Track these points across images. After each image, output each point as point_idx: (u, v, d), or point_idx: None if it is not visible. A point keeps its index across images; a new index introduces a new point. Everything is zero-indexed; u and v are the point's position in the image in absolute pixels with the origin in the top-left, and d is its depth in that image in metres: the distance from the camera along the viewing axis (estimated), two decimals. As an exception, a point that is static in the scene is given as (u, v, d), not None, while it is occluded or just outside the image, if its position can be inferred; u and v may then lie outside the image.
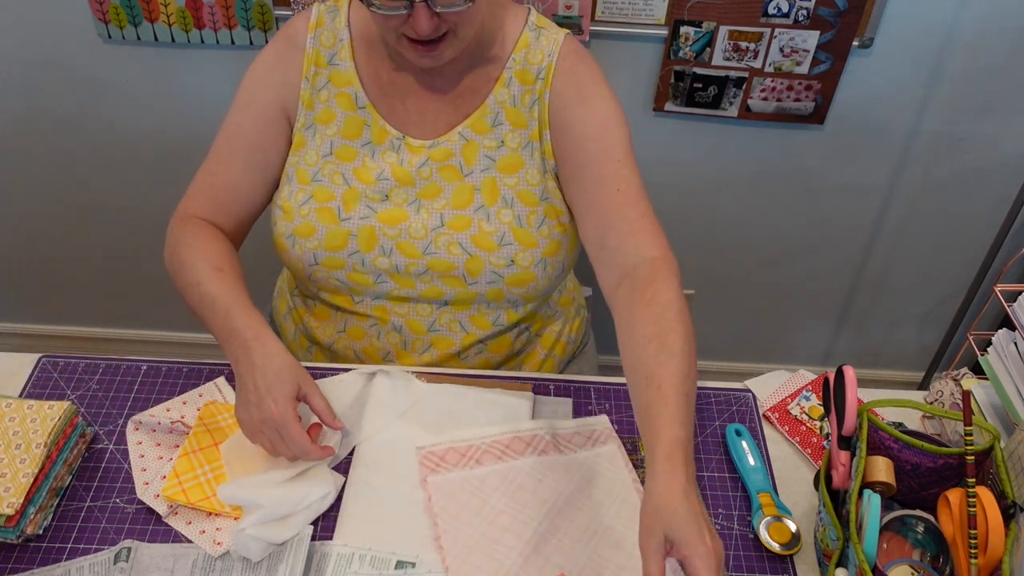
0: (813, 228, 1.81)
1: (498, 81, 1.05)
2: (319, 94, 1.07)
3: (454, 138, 1.06)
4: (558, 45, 1.05)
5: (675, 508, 0.77)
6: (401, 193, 1.07)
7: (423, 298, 1.10)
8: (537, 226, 1.06)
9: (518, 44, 1.05)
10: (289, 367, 0.93)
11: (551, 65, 1.04)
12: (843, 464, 0.90)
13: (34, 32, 1.58)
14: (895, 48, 1.50)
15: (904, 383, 2.13)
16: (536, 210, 1.06)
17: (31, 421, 0.94)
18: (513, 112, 1.05)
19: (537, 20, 1.07)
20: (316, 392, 0.95)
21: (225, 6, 1.50)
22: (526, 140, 1.06)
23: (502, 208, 1.06)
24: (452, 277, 1.07)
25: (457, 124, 1.06)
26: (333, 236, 1.06)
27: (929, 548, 0.89)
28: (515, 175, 1.06)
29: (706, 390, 1.09)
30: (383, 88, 1.07)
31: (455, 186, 1.06)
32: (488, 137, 1.06)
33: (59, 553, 0.89)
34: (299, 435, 0.91)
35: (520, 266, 1.06)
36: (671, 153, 1.69)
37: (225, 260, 1.03)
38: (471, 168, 1.06)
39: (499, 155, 1.06)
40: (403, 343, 1.14)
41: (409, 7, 0.89)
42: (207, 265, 1.01)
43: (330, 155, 1.07)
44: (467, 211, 1.06)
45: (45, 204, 1.87)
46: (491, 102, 1.05)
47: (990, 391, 1.08)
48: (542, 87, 1.04)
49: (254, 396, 0.91)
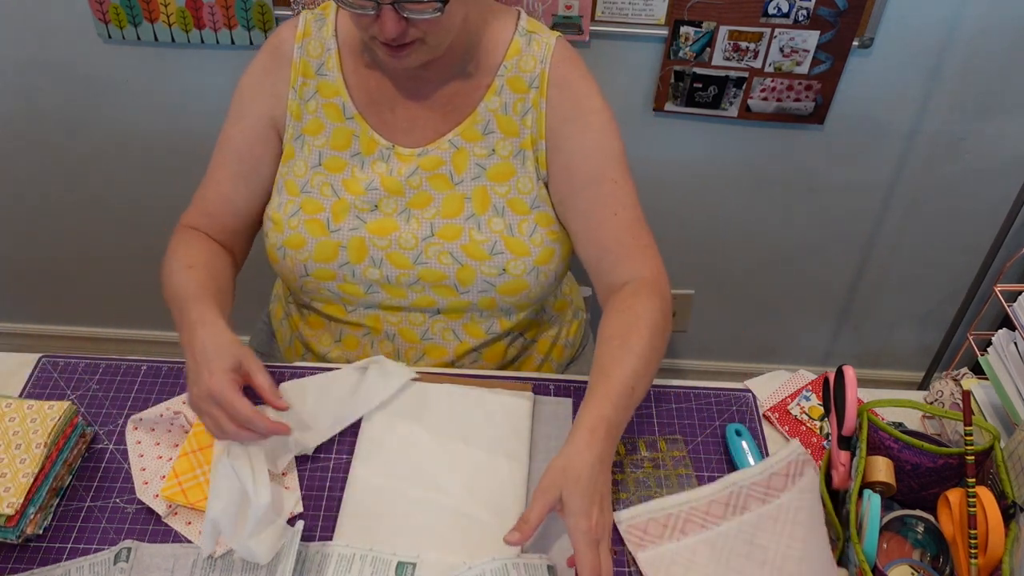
0: (813, 228, 1.81)
1: (489, 89, 1.04)
2: (307, 104, 1.06)
3: (444, 146, 1.05)
4: (550, 50, 1.03)
5: (578, 476, 0.83)
6: (391, 203, 1.06)
7: (415, 307, 1.10)
8: (529, 234, 1.06)
9: (509, 51, 1.04)
10: (229, 343, 0.92)
11: (544, 72, 1.03)
12: (843, 464, 0.90)
13: (34, 32, 1.58)
14: (895, 48, 1.50)
15: (904, 383, 2.13)
16: (527, 218, 1.06)
17: (31, 421, 0.94)
18: (504, 120, 1.04)
19: (528, 24, 1.05)
20: (259, 369, 0.93)
21: (225, 6, 1.50)
22: (517, 148, 1.05)
23: (493, 217, 1.05)
24: (443, 287, 1.07)
25: (447, 132, 1.05)
26: (323, 248, 1.05)
27: (929, 548, 0.89)
28: (506, 183, 1.06)
29: (706, 390, 1.09)
30: (371, 96, 1.06)
31: (445, 195, 1.06)
32: (479, 145, 1.05)
33: (59, 553, 0.89)
34: (238, 402, 0.88)
35: (512, 275, 1.05)
36: (671, 153, 1.69)
37: (199, 258, 1.04)
38: (461, 176, 1.05)
39: (490, 163, 1.05)
40: (396, 352, 1.14)
41: (376, 8, 0.89)
42: (180, 264, 1.03)
43: (319, 166, 1.07)
44: (458, 220, 1.05)
45: (45, 204, 1.87)
46: (482, 110, 1.04)
47: (990, 391, 1.08)
48: (536, 96, 1.03)
49: (193, 372, 0.91)
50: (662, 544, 0.91)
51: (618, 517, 0.93)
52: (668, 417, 1.05)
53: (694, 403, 1.07)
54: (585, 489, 0.83)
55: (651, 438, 1.03)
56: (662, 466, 1.00)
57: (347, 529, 0.92)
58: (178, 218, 1.12)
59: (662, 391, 1.08)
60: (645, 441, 1.02)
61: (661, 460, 1.00)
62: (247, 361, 0.93)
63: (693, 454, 1.01)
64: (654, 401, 1.07)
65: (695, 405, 1.07)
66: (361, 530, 0.91)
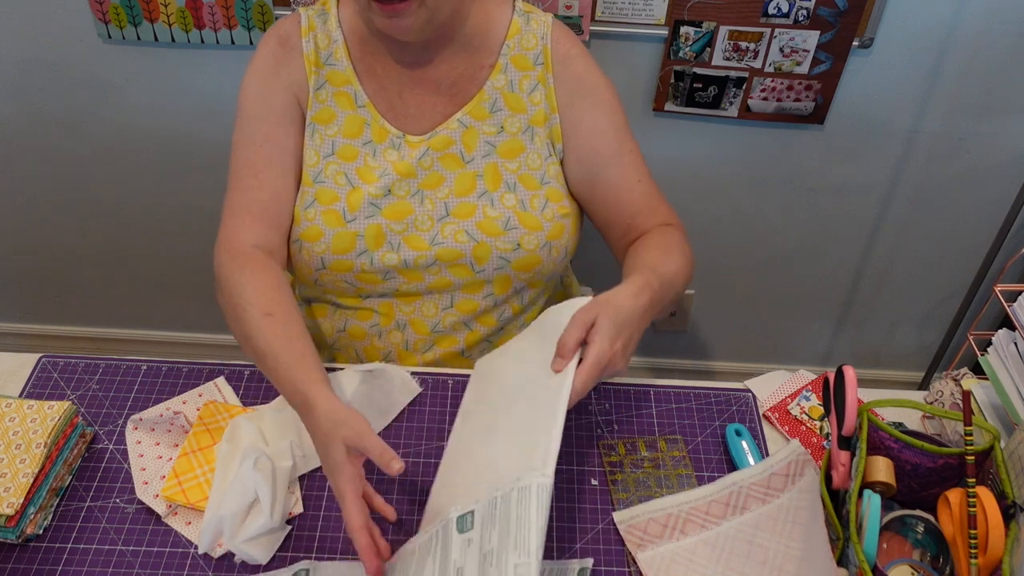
0: (813, 228, 1.81)
1: (494, 68, 1.06)
2: (317, 94, 1.07)
3: (453, 125, 1.06)
4: (548, 27, 1.06)
5: (618, 308, 0.88)
6: (403, 185, 1.06)
7: (431, 290, 1.09)
8: (540, 209, 1.07)
9: (510, 31, 1.06)
10: (334, 427, 0.85)
11: (547, 48, 1.06)
12: (843, 464, 0.90)
13: (34, 32, 1.58)
14: (895, 48, 1.50)
15: (904, 383, 2.13)
16: (538, 193, 1.07)
17: (31, 421, 0.94)
18: (512, 97, 1.06)
19: (523, 5, 1.08)
20: (368, 437, 0.84)
21: (225, 6, 1.50)
22: (526, 125, 1.07)
23: (505, 193, 1.07)
24: (459, 266, 1.07)
25: (454, 113, 1.06)
26: (340, 239, 1.05)
27: (929, 548, 0.89)
28: (516, 159, 1.07)
29: (706, 390, 1.09)
30: (380, 83, 1.07)
31: (457, 174, 1.07)
32: (487, 123, 1.06)
33: (59, 553, 0.89)
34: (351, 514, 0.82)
35: (526, 249, 1.06)
36: (671, 153, 1.69)
37: (274, 299, 0.97)
38: (472, 155, 1.07)
39: (499, 140, 1.07)
40: (405, 342, 1.13)
41: None
42: (256, 311, 0.96)
43: (332, 155, 1.07)
44: (470, 198, 1.06)
45: (45, 204, 1.87)
46: (488, 88, 1.06)
47: (990, 391, 1.08)
48: (543, 72, 1.06)
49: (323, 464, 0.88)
50: (662, 544, 0.91)
51: (618, 517, 0.93)
52: (668, 417, 1.05)
53: (694, 403, 1.07)
54: (620, 319, 0.87)
55: (651, 438, 1.03)
56: (662, 466, 1.00)
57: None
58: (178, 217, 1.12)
59: (662, 391, 1.08)
60: (645, 441, 1.02)
61: (661, 460, 1.00)
62: (353, 438, 0.84)
63: (693, 454, 1.01)
64: (654, 401, 1.07)
65: (695, 405, 1.07)
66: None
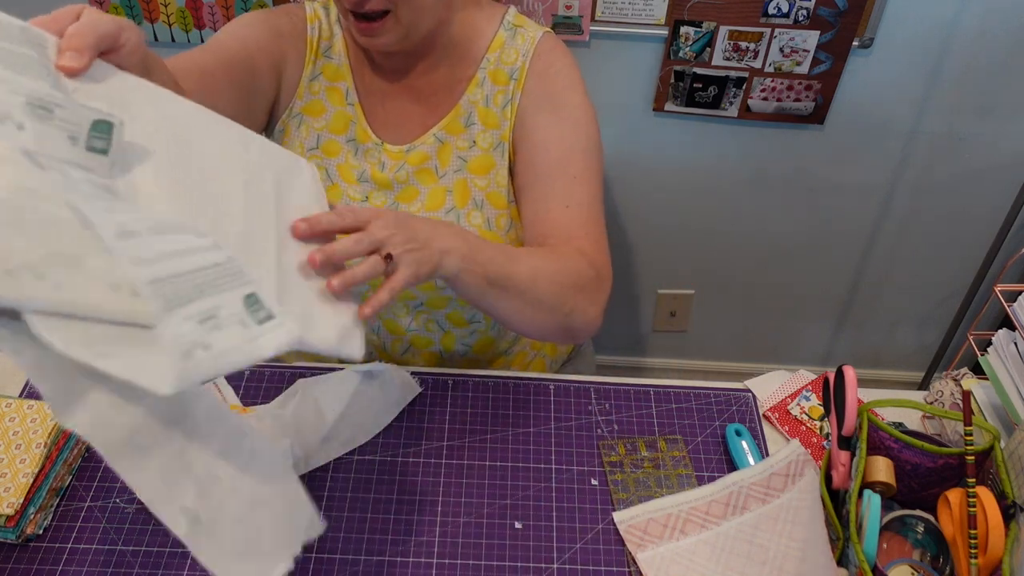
0: (813, 228, 1.81)
1: (472, 81, 1.04)
2: (311, 84, 1.06)
3: (429, 140, 1.05)
4: (533, 44, 1.03)
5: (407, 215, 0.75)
6: (380, 196, 1.06)
7: (399, 299, 1.09)
8: (506, 230, 1.06)
9: (492, 44, 1.04)
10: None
11: (524, 66, 1.02)
12: (843, 464, 0.90)
13: (34, 32, 1.58)
14: (895, 48, 1.51)
15: (904, 383, 2.13)
16: (504, 213, 1.06)
17: (31, 421, 0.94)
18: (485, 112, 1.04)
19: (515, 19, 1.06)
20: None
21: (225, 6, 1.50)
22: (497, 140, 1.05)
23: (472, 210, 1.05)
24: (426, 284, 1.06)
25: (432, 126, 1.05)
26: None
27: (929, 548, 0.89)
28: (486, 176, 1.05)
29: (706, 390, 1.09)
30: (367, 87, 1.07)
31: (430, 188, 1.06)
32: (461, 138, 1.05)
33: (59, 553, 0.89)
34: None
35: None
36: (671, 153, 1.69)
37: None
38: (445, 170, 1.06)
39: (470, 155, 1.05)
40: (383, 344, 1.14)
41: None
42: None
43: (316, 149, 1.07)
44: (439, 213, 1.06)
45: (45, 204, 1.87)
46: (464, 102, 1.04)
47: (990, 391, 1.08)
48: (515, 88, 1.03)
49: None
50: (662, 544, 0.91)
51: (618, 517, 0.93)
52: (668, 417, 1.05)
53: (694, 403, 1.07)
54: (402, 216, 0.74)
55: (651, 438, 1.03)
56: (662, 466, 1.00)
57: None
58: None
59: (662, 391, 1.08)
60: (645, 441, 1.02)
61: (661, 460, 1.00)
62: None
63: (693, 454, 1.01)
64: (654, 401, 1.07)
65: (695, 405, 1.07)
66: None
